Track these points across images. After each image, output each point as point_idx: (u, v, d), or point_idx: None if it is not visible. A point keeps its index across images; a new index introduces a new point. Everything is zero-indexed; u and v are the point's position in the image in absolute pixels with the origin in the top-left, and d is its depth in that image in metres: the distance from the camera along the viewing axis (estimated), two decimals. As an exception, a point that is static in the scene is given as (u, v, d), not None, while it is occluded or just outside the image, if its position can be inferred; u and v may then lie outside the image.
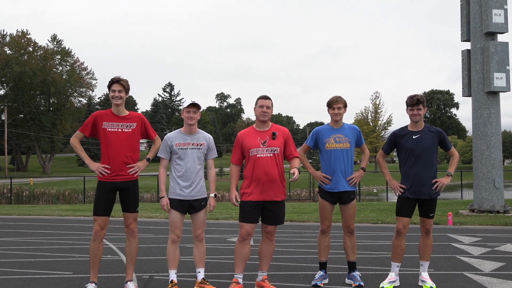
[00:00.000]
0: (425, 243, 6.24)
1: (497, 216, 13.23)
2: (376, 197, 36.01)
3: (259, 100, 6.00)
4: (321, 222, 6.43)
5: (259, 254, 6.13)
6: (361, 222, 12.42)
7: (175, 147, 5.97)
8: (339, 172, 6.26)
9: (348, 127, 6.39)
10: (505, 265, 7.24)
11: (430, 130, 6.18)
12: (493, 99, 14.07)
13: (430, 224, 6.21)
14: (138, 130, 5.96)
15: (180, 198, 5.93)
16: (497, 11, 13.88)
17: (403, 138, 6.22)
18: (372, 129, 79.22)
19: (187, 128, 6.05)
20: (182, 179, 5.93)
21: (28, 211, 16.78)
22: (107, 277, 6.67)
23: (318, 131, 6.43)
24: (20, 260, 7.95)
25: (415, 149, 6.10)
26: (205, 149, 6.08)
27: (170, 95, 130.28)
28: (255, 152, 5.87)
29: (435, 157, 6.16)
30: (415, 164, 6.11)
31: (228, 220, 13.19)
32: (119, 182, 5.84)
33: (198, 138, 6.06)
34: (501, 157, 14.25)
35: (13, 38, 74.79)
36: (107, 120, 5.84)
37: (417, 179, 6.09)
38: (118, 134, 5.83)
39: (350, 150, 6.31)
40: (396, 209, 6.30)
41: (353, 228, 6.36)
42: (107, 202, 5.85)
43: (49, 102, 79.99)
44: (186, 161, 5.95)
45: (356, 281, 6.19)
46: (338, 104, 6.27)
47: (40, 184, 42.07)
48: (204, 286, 5.95)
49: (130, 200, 5.95)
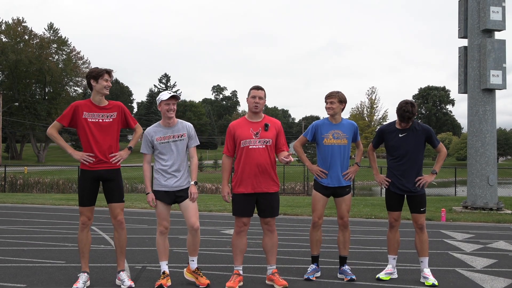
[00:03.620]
0: (421, 239, 6.25)
1: (490, 213, 13.28)
2: (369, 192, 36.13)
3: (251, 91, 5.95)
4: (313, 216, 6.46)
5: (264, 249, 6.09)
6: (354, 217, 12.44)
7: (155, 142, 5.93)
8: (335, 168, 6.28)
9: (346, 123, 6.39)
10: (497, 262, 7.27)
11: (417, 127, 6.21)
12: (489, 96, 14.08)
13: (422, 219, 6.23)
14: (119, 119, 5.92)
15: (165, 190, 5.90)
16: (495, 8, 13.86)
17: (389, 135, 6.28)
18: (368, 124, 79.41)
19: (166, 121, 5.97)
20: (166, 171, 5.90)
21: (22, 200, 16.73)
22: (100, 267, 6.67)
23: (317, 125, 6.41)
24: (13, 248, 7.93)
25: (400, 148, 6.16)
26: (186, 138, 6.02)
27: (166, 86, 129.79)
28: (247, 143, 5.82)
29: (420, 154, 6.21)
30: (400, 161, 6.17)
31: (222, 212, 13.19)
32: (102, 171, 5.79)
33: (178, 130, 5.99)
34: (495, 154, 14.28)
35: (9, 26, 74.22)
36: (87, 111, 5.78)
37: (401, 175, 6.17)
38: (99, 124, 5.78)
39: (347, 146, 6.34)
40: (386, 203, 6.40)
41: (346, 221, 6.37)
42: (92, 192, 5.82)
43: (45, 90, 79.61)
44: (169, 155, 5.92)
45: (348, 275, 6.21)
46: (332, 98, 6.27)
47: (34, 172, 42.01)
48: (198, 277, 5.94)
49: (114, 190, 5.90)
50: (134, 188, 32.44)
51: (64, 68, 77.14)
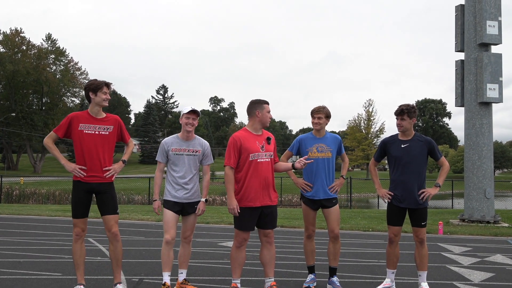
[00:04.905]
0: (420, 253, 6.22)
1: (487, 226, 13.28)
2: (367, 204, 36.10)
3: (265, 105, 5.91)
4: (306, 228, 6.57)
5: (261, 261, 6.04)
6: (351, 230, 12.43)
7: (170, 152, 6.02)
8: (320, 181, 6.36)
9: (330, 137, 6.49)
10: (495, 276, 7.26)
11: (420, 139, 6.19)
12: (485, 109, 14.14)
13: (423, 233, 6.18)
14: (115, 133, 5.92)
15: (175, 200, 5.97)
16: (491, 22, 13.97)
17: (392, 146, 6.25)
18: (365, 136, 79.51)
19: (184, 134, 6.06)
20: (177, 183, 5.98)
21: (18, 211, 16.65)
22: (96, 279, 6.63)
23: (301, 140, 6.53)
24: (9, 260, 7.89)
25: (403, 158, 6.12)
26: (201, 155, 6.12)
27: (163, 97, 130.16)
28: (256, 157, 5.80)
29: (423, 166, 6.16)
30: (403, 173, 6.13)
31: (219, 224, 13.13)
32: (94, 184, 5.76)
33: (194, 145, 6.08)
34: (492, 167, 14.31)
35: (6, 36, 74.40)
36: (84, 122, 5.77)
37: (404, 188, 6.11)
38: (95, 137, 5.76)
39: (331, 159, 6.42)
40: (387, 218, 6.34)
41: (337, 233, 6.38)
42: (85, 204, 5.79)
43: (42, 101, 79.66)
44: (181, 167, 5.99)
45: (335, 286, 6.25)
46: (319, 114, 6.37)
47: (31, 183, 41.86)
48: (186, 287, 5.98)
49: (108, 202, 5.84)
50: (131, 199, 32.33)
51: (61, 79, 77.26)
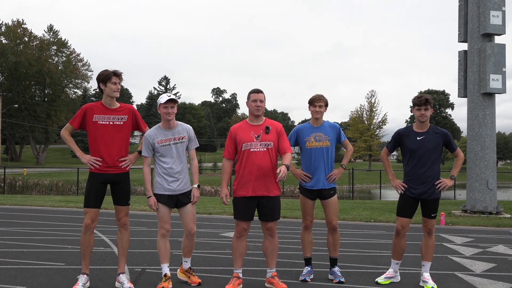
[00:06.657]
0: (427, 244, 6.22)
1: (490, 217, 13.30)
2: (368, 195, 36.12)
3: (251, 94, 5.94)
4: (303, 218, 6.49)
5: (264, 252, 6.08)
6: (353, 220, 12.46)
7: (157, 145, 5.91)
8: (319, 170, 6.30)
9: (328, 125, 6.42)
10: (496, 266, 7.28)
11: (435, 131, 6.13)
12: (488, 100, 14.11)
13: (432, 224, 6.17)
14: (129, 122, 5.91)
15: (169, 194, 5.91)
16: (495, 12, 13.90)
17: (407, 138, 6.18)
18: (367, 127, 79.45)
19: (165, 124, 5.96)
20: (169, 175, 5.89)
21: (21, 202, 16.73)
22: (99, 269, 6.66)
23: (298, 130, 6.48)
24: (13, 250, 7.93)
25: (418, 150, 6.06)
26: (187, 141, 6.03)
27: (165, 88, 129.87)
28: (248, 146, 5.81)
29: (438, 158, 6.12)
30: (418, 165, 6.08)
31: (221, 215, 13.19)
32: (111, 175, 5.80)
33: (178, 132, 6.00)
34: (495, 158, 14.30)
35: (8, 27, 74.27)
36: (98, 113, 5.77)
37: (419, 179, 6.06)
38: (109, 127, 5.77)
39: (330, 148, 6.35)
40: (397, 208, 6.29)
41: (335, 225, 6.37)
42: (99, 194, 5.82)
43: (44, 92, 79.61)
44: (170, 157, 5.91)
45: (337, 277, 6.25)
46: (320, 102, 6.33)
47: (34, 174, 41.96)
48: (190, 276, 6.01)
49: (121, 193, 5.92)
50: (133, 190, 32.37)
51: (63, 70, 77.22)
